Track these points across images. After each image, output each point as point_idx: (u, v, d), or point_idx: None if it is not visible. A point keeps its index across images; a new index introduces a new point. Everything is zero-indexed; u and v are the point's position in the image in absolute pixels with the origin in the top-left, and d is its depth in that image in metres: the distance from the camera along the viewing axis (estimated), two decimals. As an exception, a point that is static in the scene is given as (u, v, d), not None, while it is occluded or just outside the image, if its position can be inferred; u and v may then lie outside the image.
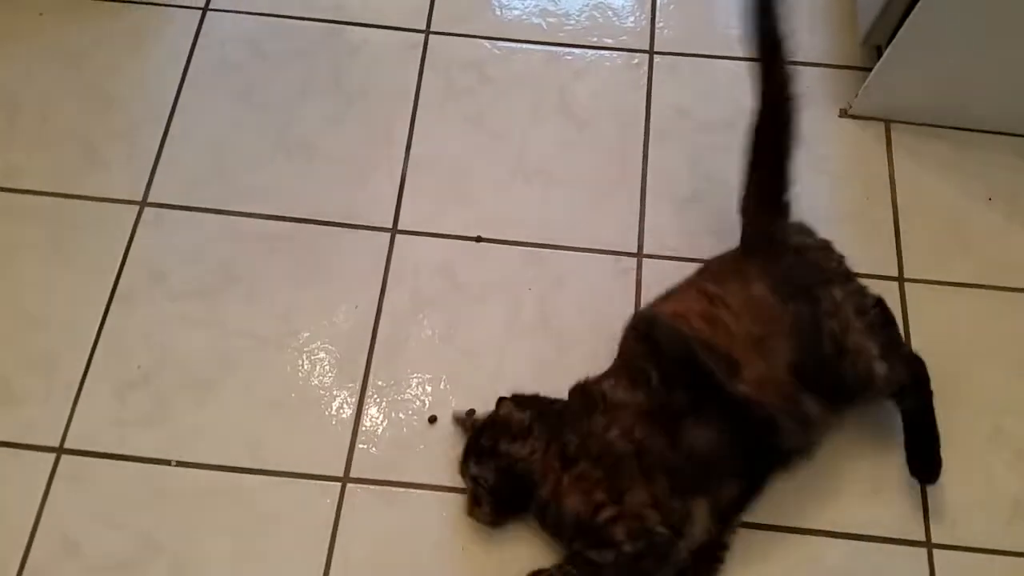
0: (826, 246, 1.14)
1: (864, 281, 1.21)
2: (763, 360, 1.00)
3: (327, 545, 1.08)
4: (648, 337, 1.06)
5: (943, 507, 1.12)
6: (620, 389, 1.03)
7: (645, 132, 1.37)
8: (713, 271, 1.14)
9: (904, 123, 1.37)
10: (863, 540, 1.10)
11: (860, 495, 1.13)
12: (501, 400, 1.09)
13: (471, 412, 1.13)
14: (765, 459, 1.03)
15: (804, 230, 1.16)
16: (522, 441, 1.04)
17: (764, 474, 1.04)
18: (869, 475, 1.14)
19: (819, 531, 1.10)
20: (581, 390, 1.07)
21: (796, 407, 1.00)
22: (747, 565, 1.08)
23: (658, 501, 0.97)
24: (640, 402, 1.01)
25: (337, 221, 1.29)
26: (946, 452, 1.13)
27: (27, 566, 1.07)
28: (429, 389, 1.18)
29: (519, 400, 1.09)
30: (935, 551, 1.10)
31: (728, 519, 1.04)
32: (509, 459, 1.03)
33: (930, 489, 1.12)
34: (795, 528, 1.10)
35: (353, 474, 1.13)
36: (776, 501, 1.11)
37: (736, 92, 1.36)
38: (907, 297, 1.24)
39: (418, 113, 1.38)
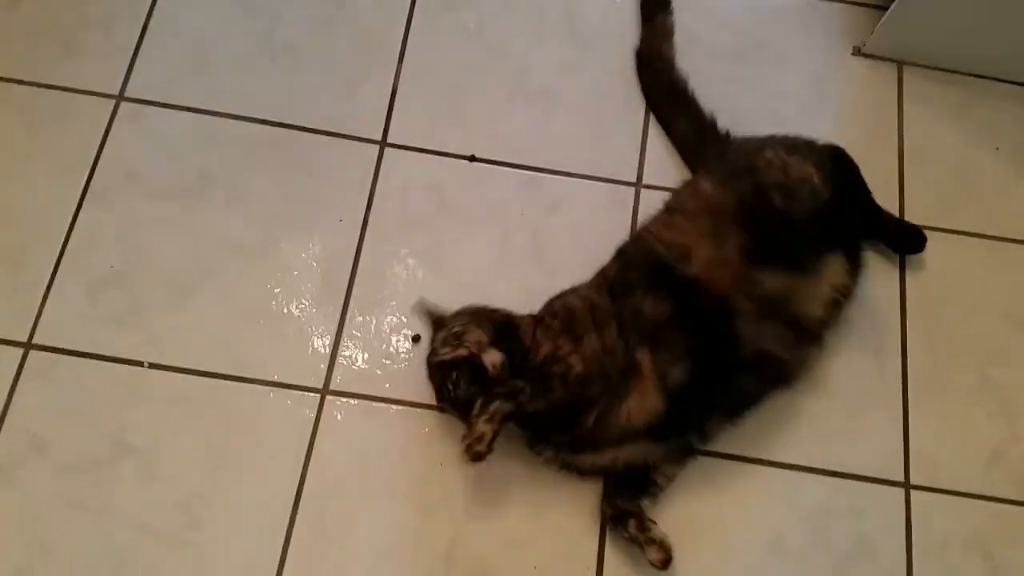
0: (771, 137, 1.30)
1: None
2: (714, 246, 1.15)
3: (303, 456, 1.16)
4: (618, 250, 1.23)
5: (923, 450, 1.21)
6: (582, 286, 1.21)
7: (652, 55, 1.42)
8: (674, 192, 1.29)
9: (917, 65, 1.44)
10: (840, 477, 1.20)
11: (840, 433, 1.22)
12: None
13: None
14: (718, 353, 1.11)
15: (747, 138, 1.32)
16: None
17: (718, 374, 1.12)
18: (849, 414, 1.23)
19: (797, 466, 1.20)
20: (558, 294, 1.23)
21: (750, 285, 1.12)
22: (722, 496, 1.17)
23: (607, 347, 1.11)
24: (598, 281, 1.20)
25: (323, 129, 1.34)
26: (932, 397, 1.24)
27: (-7, 462, 1.13)
28: (412, 308, 1.24)
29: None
30: (912, 492, 1.19)
31: (680, 421, 1.11)
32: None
33: (911, 432, 1.22)
34: (773, 462, 1.20)
35: (333, 387, 1.19)
36: (755, 435, 1.20)
37: (745, 21, 1.42)
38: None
39: (413, 20, 1.42)
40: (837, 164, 1.22)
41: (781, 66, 1.42)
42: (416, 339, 1.23)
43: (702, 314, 1.11)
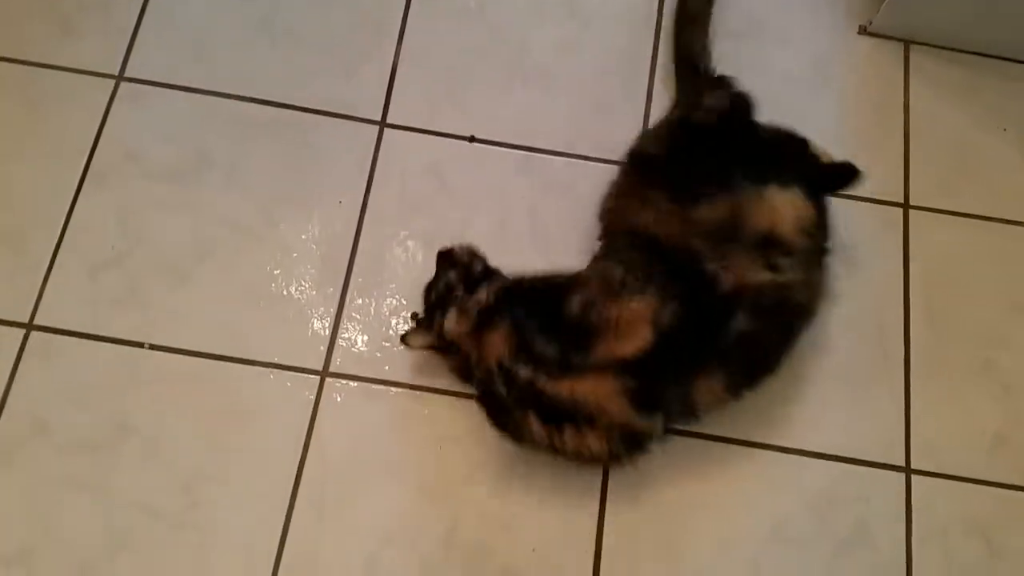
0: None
1: (867, 205, 1.30)
2: (648, 205, 1.17)
3: (303, 438, 1.15)
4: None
5: (925, 434, 1.20)
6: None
7: (655, 36, 1.39)
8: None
9: (924, 45, 1.41)
10: (842, 462, 1.18)
11: (842, 418, 1.20)
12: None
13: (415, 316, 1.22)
14: (706, 298, 1.09)
15: None
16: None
17: (702, 324, 1.09)
18: (851, 398, 1.21)
19: (799, 450, 1.18)
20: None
21: (694, 226, 1.12)
22: (724, 480, 1.16)
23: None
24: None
25: (322, 110, 1.32)
26: (934, 381, 1.22)
27: (-5, 442, 1.13)
28: (412, 290, 1.23)
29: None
30: (913, 476, 1.18)
31: (661, 381, 1.08)
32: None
33: (913, 417, 1.20)
34: (774, 446, 1.18)
35: (332, 369, 1.19)
36: (756, 419, 1.19)
37: (743, 4, 1.39)
38: (910, 223, 1.30)
39: (412, 0, 1.39)
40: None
41: (783, 45, 1.39)
42: (415, 317, 1.22)
43: (675, 265, 1.10)
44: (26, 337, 1.17)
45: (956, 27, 1.39)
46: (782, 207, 1.11)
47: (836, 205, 1.27)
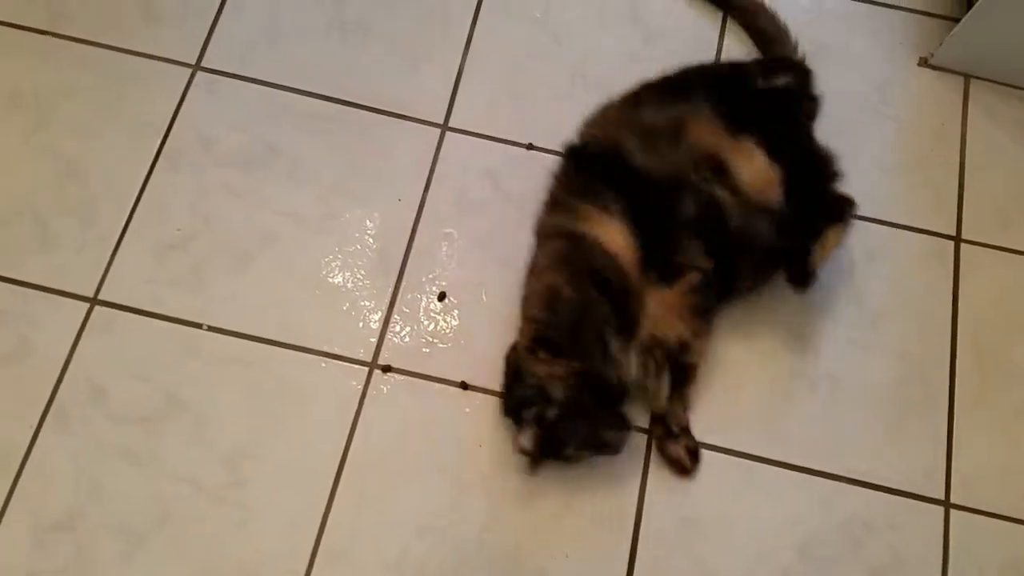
0: None
1: (918, 236, 1.24)
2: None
3: (348, 427, 1.11)
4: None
5: (966, 469, 1.13)
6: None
7: (717, 52, 1.34)
8: None
9: (984, 80, 1.34)
10: (879, 491, 1.11)
11: (882, 446, 1.14)
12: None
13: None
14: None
15: None
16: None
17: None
18: (893, 427, 1.15)
19: (835, 475, 1.12)
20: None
21: (633, 123, 1.14)
22: (759, 498, 1.10)
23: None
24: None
25: (387, 110, 1.29)
26: (978, 415, 1.15)
27: (53, 407, 1.11)
28: (462, 290, 1.19)
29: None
30: (952, 511, 1.11)
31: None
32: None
33: (955, 451, 1.13)
34: (810, 469, 1.12)
35: (381, 361, 1.15)
36: (795, 441, 1.13)
37: (810, 23, 1.33)
38: (961, 258, 1.23)
39: (483, 5, 1.36)
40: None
41: (844, 70, 1.33)
42: (442, 297, 1.18)
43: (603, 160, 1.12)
44: (90, 311, 1.15)
45: (1018, 64, 1.31)
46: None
47: (886, 233, 1.23)
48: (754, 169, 1.09)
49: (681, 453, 1.11)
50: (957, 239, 1.25)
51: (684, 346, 1.10)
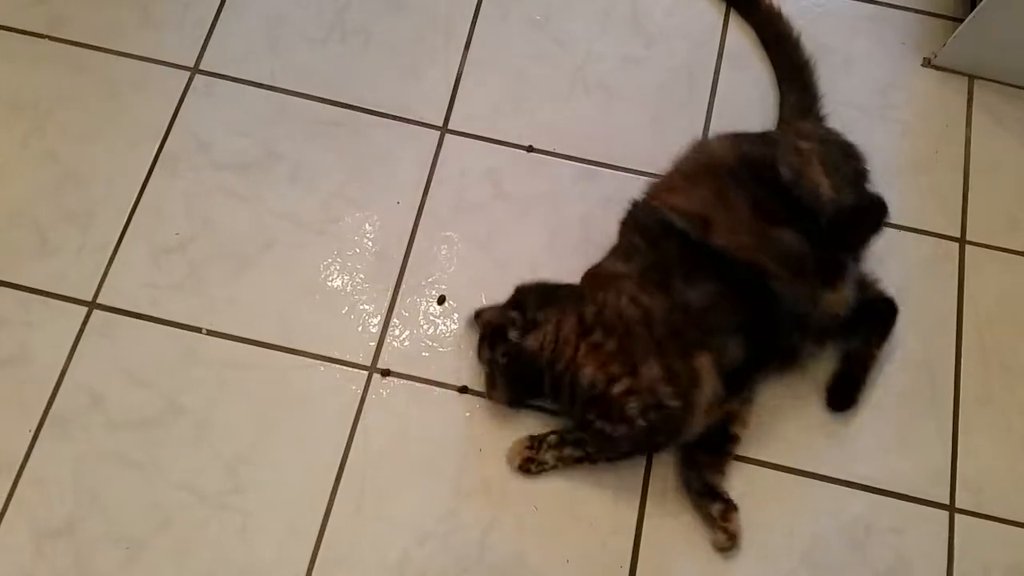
0: (831, 131, 1.20)
1: (923, 238, 1.22)
2: (729, 212, 1.05)
3: (348, 432, 1.10)
4: (632, 215, 1.14)
5: (971, 473, 1.11)
6: (620, 263, 1.10)
7: (718, 56, 1.33)
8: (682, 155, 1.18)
9: (989, 80, 1.32)
10: (885, 495, 1.10)
11: (887, 450, 1.12)
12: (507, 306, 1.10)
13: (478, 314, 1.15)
14: (765, 314, 1.03)
15: (821, 124, 1.23)
16: (532, 333, 1.05)
17: (769, 333, 1.05)
18: (897, 431, 1.13)
19: (841, 480, 1.10)
20: (592, 272, 1.11)
21: (772, 244, 1.03)
22: (764, 506, 1.09)
23: (671, 372, 0.99)
24: (636, 268, 1.07)
25: (386, 112, 1.27)
26: (983, 420, 1.13)
27: (51, 413, 1.10)
28: (463, 294, 1.18)
29: (526, 289, 1.12)
30: (957, 516, 1.09)
31: (739, 384, 1.06)
32: (518, 347, 1.06)
33: (960, 455, 1.12)
34: (817, 475, 1.10)
35: (380, 365, 1.13)
36: (799, 445, 1.11)
37: (813, 24, 1.32)
38: (966, 260, 1.21)
39: (482, 9, 1.34)
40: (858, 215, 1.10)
41: (847, 72, 1.31)
42: (441, 300, 1.17)
43: (743, 288, 1.02)
44: (88, 315, 1.14)
45: (1022, 64, 1.29)
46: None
47: (891, 235, 1.21)
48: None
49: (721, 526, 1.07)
50: (962, 241, 1.23)
51: (731, 415, 1.09)
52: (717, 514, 1.06)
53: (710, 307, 1.01)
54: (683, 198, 1.08)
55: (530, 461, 1.08)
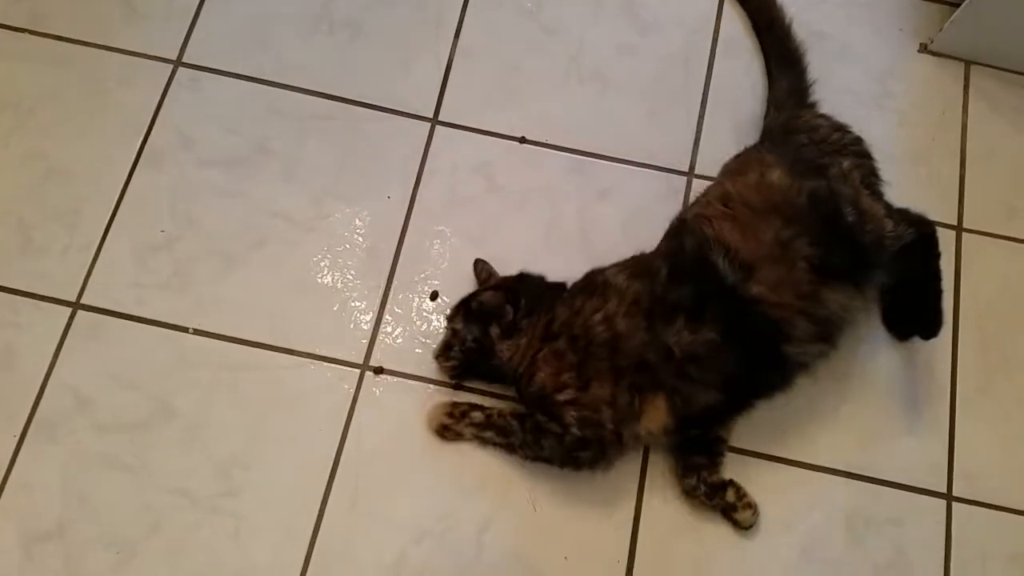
0: (841, 127, 1.16)
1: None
2: (782, 264, 0.99)
3: (341, 431, 1.08)
4: (676, 236, 1.08)
5: (968, 462, 1.10)
6: (623, 276, 1.04)
7: (713, 44, 1.30)
8: (732, 168, 1.14)
9: (986, 66, 1.30)
10: (881, 485, 1.09)
11: (884, 440, 1.11)
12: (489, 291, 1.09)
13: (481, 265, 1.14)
14: (762, 373, 1.01)
15: (823, 115, 1.19)
16: (510, 339, 1.04)
17: (756, 391, 1.03)
18: (895, 421, 1.12)
19: (836, 470, 1.09)
20: (589, 273, 1.08)
21: (814, 305, 0.99)
22: (761, 496, 1.07)
23: (616, 400, 0.98)
24: (636, 292, 1.02)
25: (376, 104, 1.24)
26: (980, 408, 1.12)
27: (36, 417, 1.07)
28: (455, 288, 1.15)
29: (529, 285, 1.10)
30: (954, 504, 1.08)
31: (705, 424, 1.04)
32: (491, 347, 1.05)
33: (957, 443, 1.10)
34: (812, 465, 1.09)
35: (373, 363, 1.11)
36: (796, 437, 1.10)
37: (808, 11, 1.29)
38: (963, 247, 1.20)
39: (472, -2, 1.32)
40: (921, 238, 1.05)
41: (844, 59, 1.29)
42: (434, 296, 1.15)
43: (750, 339, 0.98)
44: (73, 315, 1.11)
45: (1019, 50, 1.27)
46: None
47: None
48: None
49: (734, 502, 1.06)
50: (959, 229, 1.21)
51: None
52: (733, 498, 1.05)
53: (700, 357, 0.98)
54: (740, 237, 1.00)
55: (446, 429, 1.07)
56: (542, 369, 1.00)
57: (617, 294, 1.01)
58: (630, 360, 0.98)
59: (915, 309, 1.07)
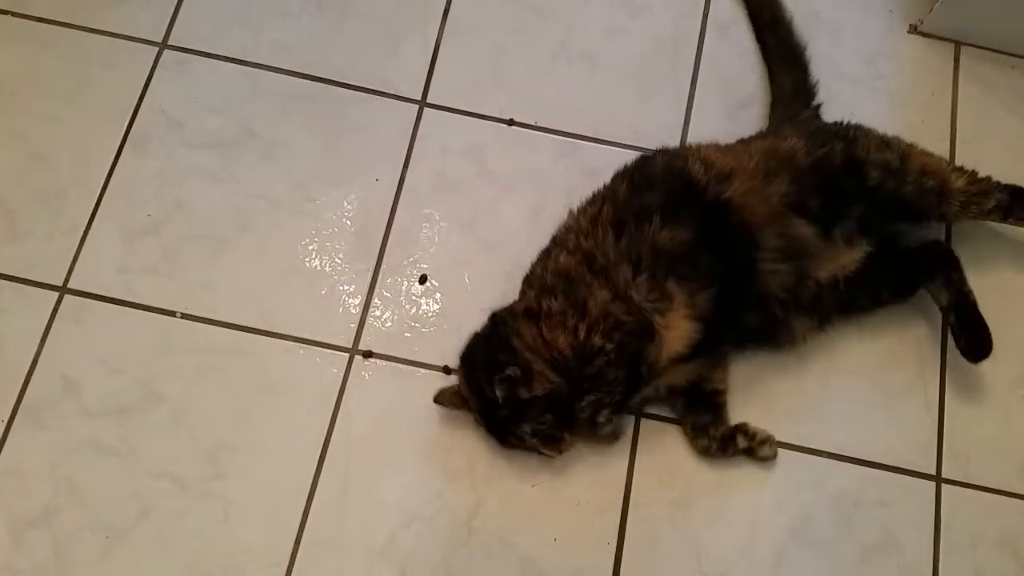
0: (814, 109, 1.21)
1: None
2: (761, 181, 1.03)
3: (330, 415, 1.07)
4: (641, 160, 1.11)
5: (957, 444, 1.09)
6: (582, 212, 1.07)
7: (702, 25, 1.28)
8: (748, 139, 1.16)
9: (976, 47, 1.28)
10: (871, 467, 1.08)
11: (873, 422, 1.10)
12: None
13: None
14: (738, 281, 1.01)
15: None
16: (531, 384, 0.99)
17: (740, 304, 1.02)
18: (884, 403, 1.11)
19: (827, 453, 1.08)
20: (541, 251, 1.08)
21: (782, 224, 1.02)
22: (750, 478, 1.07)
23: (619, 291, 0.97)
24: (594, 213, 1.04)
25: (363, 86, 1.22)
26: (970, 390, 1.11)
27: (24, 402, 1.06)
28: (445, 272, 1.14)
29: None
30: (944, 486, 1.08)
31: (705, 347, 1.02)
32: (531, 384, 0.98)
33: (946, 425, 1.10)
34: (802, 447, 1.08)
35: (362, 347, 1.10)
36: (784, 419, 1.09)
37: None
38: (953, 229, 1.18)
39: (460, -23, 1.29)
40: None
41: (834, 40, 1.27)
42: (423, 280, 1.13)
43: (724, 240, 1.00)
44: (59, 300, 1.09)
45: (1008, 30, 1.26)
46: (837, 268, 1.06)
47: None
48: None
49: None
50: (949, 210, 1.21)
51: (702, 377, 1.07)
52: (746, 443, 1.06)
53: (683, 251, 0.99)
54: (727, 158, 1.06)
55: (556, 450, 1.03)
56: (560, 339, 0.97)
57: (574, 229, 1.04)
58: (617, 258, 0.98)
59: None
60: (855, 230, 1.06)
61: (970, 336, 1.08)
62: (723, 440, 1.06)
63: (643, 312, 0.97)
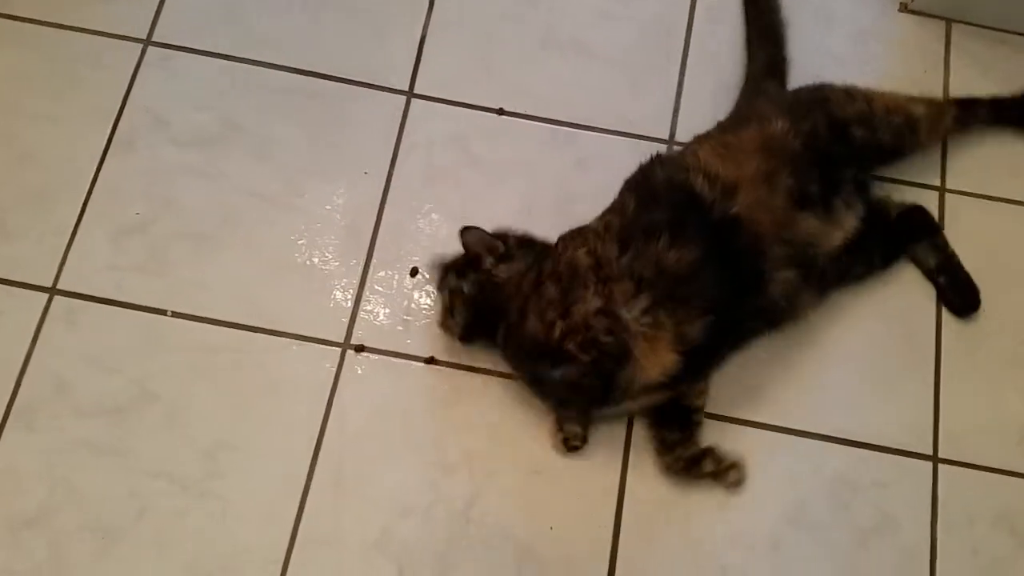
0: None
1: (903, 188, 1.18)
2: (766, 188, 1.03)
3: (323, 410, 1.06)
4: (643, 171, 1.09)
5: (953, 424, 1.09)
6: (599, 220, 1.07)
7: (691, 10, 1.27)
8: (726, 124, 1.14)
9: (968, 24, 1.27)
10: (867, 449, 1.07)
11: (868, 403, 1.10)
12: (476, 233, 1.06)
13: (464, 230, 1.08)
14: (743, 299, 1.00)
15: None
16: (506, 264, 1.03)
17: (739, 321, 1.02)
18: (879, 384, 1.10)
19: (822, 435, 1.08)
20: (565, 234, 1.07)
21: (789, 230, 1.02)
22: (746, 462, 1.05)
23: (610, 305, 0.96)
24: (607, 222, 1.04)
25: (350, 78, 1.21)
26: (965, 369, 1.11)
27: (16, 403, 1.05)
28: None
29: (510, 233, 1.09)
30: (940, 466, 1.07)
31: (696, 368, 1.01)
32: (489, 275, 1.03)
33: (942, 405, 1.09)
34: (798, 431, 1.08)
35: (354, 341, 1.09)
36: (780, 402, 1.08)
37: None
38: (946, 208, 1.18)
39: (445, -33, 1.28)
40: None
41: (824, 20, 1.26)
42: (414, 272, 1.12)
43: (733, 258, 0.99)
44: (49, 301, 1.09)
45: (1000, 7, 1.25)
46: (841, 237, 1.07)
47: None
48: None
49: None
50: (942, 190, 1.19)
51: (682, 394, 1.05)
52: (712, 467, 1.04)
53: (686, 275, 0.97)
54: (727, 165, 1.03)
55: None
56: (529, 318, 0.98)
57: (594, 232, 1.03)
58: (619, 271, 0.97)
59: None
60: (852, 192, 1.08)
61: (960, 292, 1.13)
62: (689, 461, 1.04)
63: (626, 334, 0.96)
